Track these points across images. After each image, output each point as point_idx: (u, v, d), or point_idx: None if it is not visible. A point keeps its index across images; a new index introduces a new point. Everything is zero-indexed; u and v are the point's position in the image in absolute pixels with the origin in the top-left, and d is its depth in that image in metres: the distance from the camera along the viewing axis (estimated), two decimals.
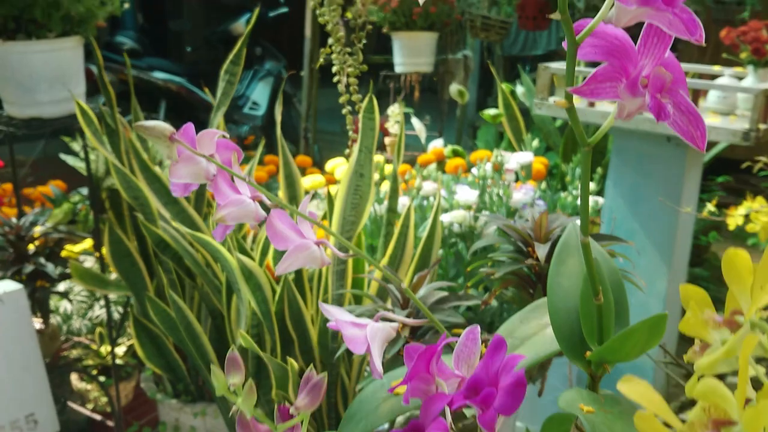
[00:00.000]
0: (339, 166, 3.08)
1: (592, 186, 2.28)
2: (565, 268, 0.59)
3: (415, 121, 3.25)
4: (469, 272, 1.61)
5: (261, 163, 3.78)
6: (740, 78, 1.92)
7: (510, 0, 3.88)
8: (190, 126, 0.54)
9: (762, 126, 1.58)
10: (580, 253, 0.59)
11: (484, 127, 3.43)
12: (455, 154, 2.96)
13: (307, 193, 3.08)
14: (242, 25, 5.45)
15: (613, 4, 0.36)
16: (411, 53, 3.50)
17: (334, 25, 1.05)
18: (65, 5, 1.62)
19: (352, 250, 0.58)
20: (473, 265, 0.95)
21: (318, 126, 4.53)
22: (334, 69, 1.09)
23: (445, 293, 1.00)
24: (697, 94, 1.72)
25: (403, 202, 1.80)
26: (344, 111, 1.17)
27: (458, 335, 0.46)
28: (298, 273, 1.44)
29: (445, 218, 1.88)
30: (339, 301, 1.36)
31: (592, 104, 1.74)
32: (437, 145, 3.09)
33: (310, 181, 2.93)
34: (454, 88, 3.43)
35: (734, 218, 1.43)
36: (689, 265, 3.41)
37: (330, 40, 1.07)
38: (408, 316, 0.94)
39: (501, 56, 4.88)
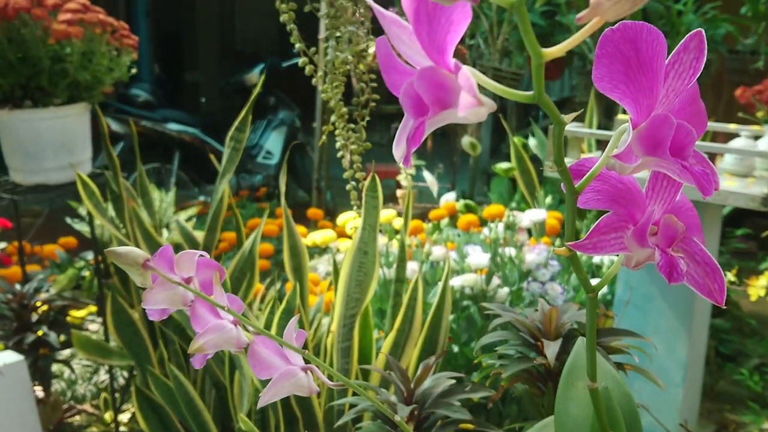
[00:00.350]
0: (349, 221, 3.05)
1: None
2: (574, 392, 0.54)
3: (426, 174, 3.22)
4: (476, 364, 1.55)
5: (273, 215, 3.77)
6: (757, 137, 1.88)
7: (521, 51, 3.88)
8: (167, 248, 0.50)
9: None
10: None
11: (497, 179, 3.39)
12: (467, 208, 2.93)
13: (316, 247, 3.04)
14: (256, 76, 5.50)
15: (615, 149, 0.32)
16: None
17: (336, 102, 1.03)
18: (72, 73, 1.62)
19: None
20: (480, 357, 0.90)
21: (331, 173, 4.52)
22: (338, 145, 1.06)
23: (452, 382, 0.95)
24: (714, 156, 1.68)
25: (413, 267, 1.75)
26: (348, 187, 1.14)
27: None
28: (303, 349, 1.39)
29: (456, 282, 1.83)
30: (345, 375, 1.31)
31: None
32: (449, 198, 3.05)
33: (321, 236, 2.90)
34: (466, 140, 3.41)
35: (755, 289, 1.37)
36: (712, 317, 3.32)
37: (333, 117, 1.05)
38: (412, 411, 0.89)
39: (514, 104, 4.88)
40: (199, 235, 1.83)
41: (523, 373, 0.81)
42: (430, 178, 3.23)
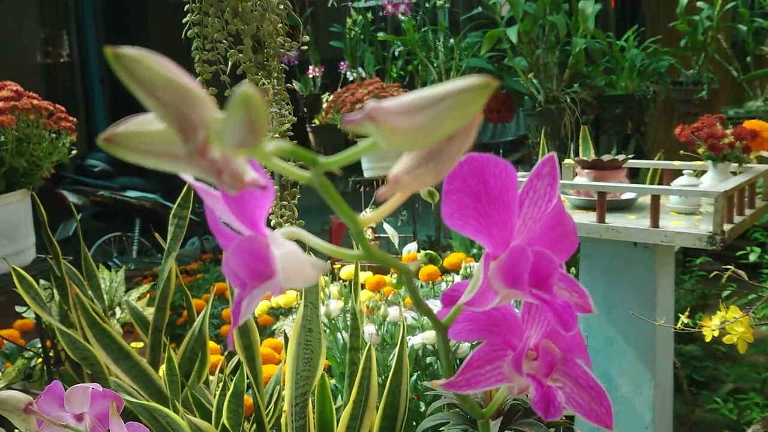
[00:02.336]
0: None
1: None
2: None
3: (387, 226, 3.22)
4: None
5: None
6: (702, 172, 1.91)
7: None
8: (56, 384, 0.48)
9: (726, 227, 1.55)
10: None
11: None
12: (429, 259, 2.92)
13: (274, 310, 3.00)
14: None
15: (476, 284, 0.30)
16: (379, 157, 3.50)
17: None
18: (7, 160, 1.59)
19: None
20: None
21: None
22: (272, 223, 1.04)
23: None
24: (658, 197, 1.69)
25: (370, 330, 1.73)
26: None
27: None
28: (260, 426, 1.35)
29: (416, 340, 1.81)
30: None
31: None
32: (411, 249, 3.04)
33: (284, 297, 2.87)
34: (424, 190, 3.41)
35: (709, 330, 1.37)
36: (681, 344, 3.32)
37: None
38: None
39: (473, 145, 4.91)
40: (151, 313, 1.79)
41: None
42: (390, 231, 3.22)
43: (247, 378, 1.32)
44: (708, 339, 1.36)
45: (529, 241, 0.30)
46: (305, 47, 1.21)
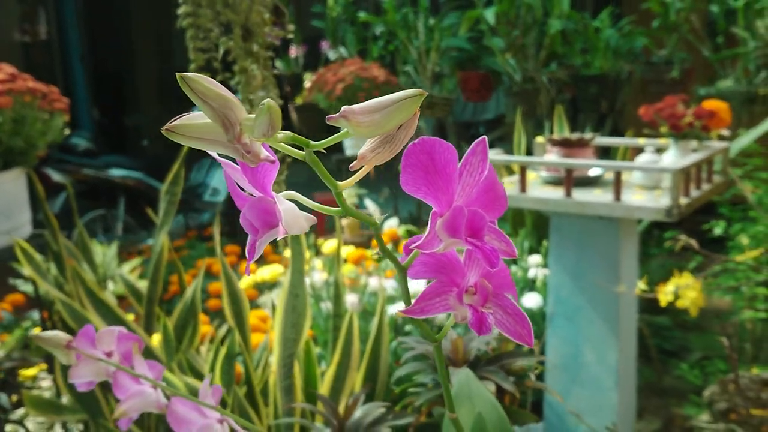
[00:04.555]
0: None
1: (539, 259, 2.33)
2: (458, 417, 0.62)
3: (369, 202, 3.32)
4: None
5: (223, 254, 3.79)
6: (664, 149, 2.02)
7: (451, 76, 4.02)
8: (88, 328, 0.57)
9: (683, 200, 1.66)
10: (472, 403, 0.63)
11: None
12: (409, 234, 3.02)
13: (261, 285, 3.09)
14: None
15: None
16: (357, 140, 3.60)
17: None
18: (4, 140, 1.67)
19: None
20: (400, 388, 0.98)
21: None
22: None
23: (381, 411, 1.03)
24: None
25: (352, 300, 1.83)
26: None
27: None
28: (250, 388, 1.45)
29: (395, 309, 1.92)
30: (290, 415, 1.37)
31: (523, 190, 1.81)
32: (392, 225, 3.15)
33: (269, 271, 2.96)
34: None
35: (665, 295, 1.49)
36: (653, 315, 3.46)
37: None
38: None
39: (453, 124, 5.01)
40: (144, 285, 1.88)
41: (438, 398, 0.89)
42: (372, 207, 3.32)
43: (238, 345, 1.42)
44: (663, 304, 1.48)
45: (467, 202, 0.40)
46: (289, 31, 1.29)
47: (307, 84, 3.90)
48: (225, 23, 1.03)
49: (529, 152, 3.02)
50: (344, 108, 0.37)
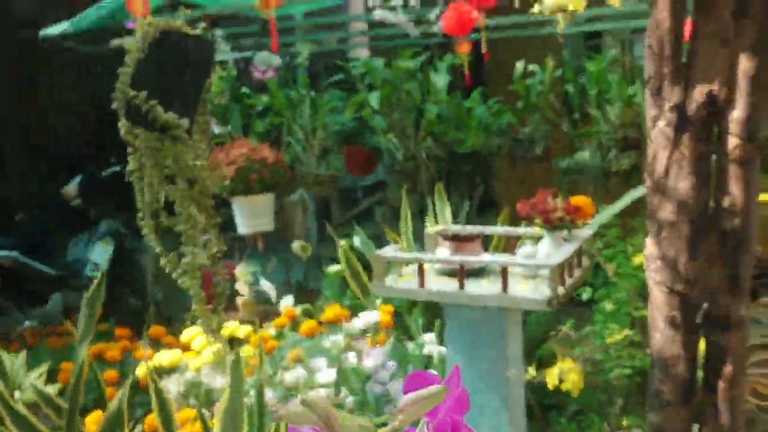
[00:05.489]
0: (196, 337, 3.12)
1: (433, 337, 2.53)
2: None
3: (263, 282, 3.43)
4: None
5: (112, 336, 3.73)
6: (540, 236, 2.29)
7: (338, 154, 4.23)
8: None
9: (561, 290, 1.91)
10: None
11: (329, 277, 3.65)
12: (305, 313, 3.15)
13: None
14: (74, 188, 5.41)
15: None
16: (251, 215, 3.71)
17: (197, 293, 1.22)
18: None
19: None
20: None
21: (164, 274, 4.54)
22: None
23: None
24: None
25: (272, 395, 1.94)
26: (198, 322, 1.33)
27: None
28: None
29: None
30: None
31: (422, 285, 2.00)
32: (288, 303, 3.26)
33: (168, 357, 2.98)
34: (296, 245, 3.66)
35: (552, 377, 1.71)
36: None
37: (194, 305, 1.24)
38: None
39: (336, 191, 5.19)
40: (53, 390, 1.90)
41: None
42: (267, 285, 3.43)
43: None
44: (551, 387, 1.70)
45: (446, 409, 0.56)
46: None
47: None
48: (170, 175, 1.15)
49: (416, 230, 3.26)
50: None
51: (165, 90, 1.16)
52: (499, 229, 2.47)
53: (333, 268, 3.30)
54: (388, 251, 2.14)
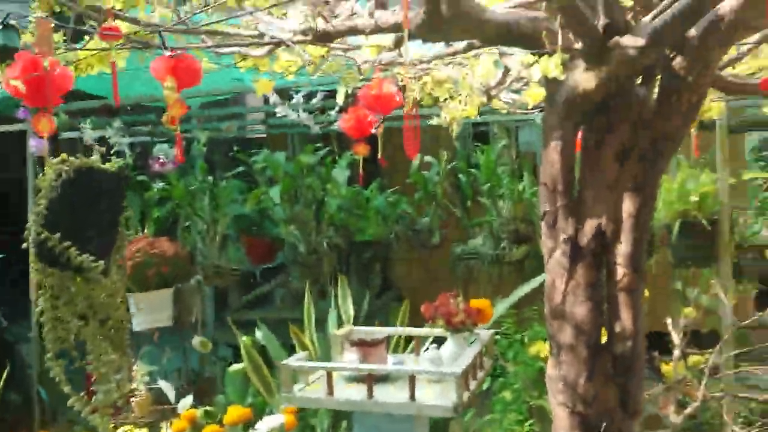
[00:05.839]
0: None
1: None
2: None
3: (161, 382, 3.31)
4: None
5: None
6: (443, 337, 2.36)
7: (237, 247, 4.21)
8: None
9: (465, 395, 1.97)
10: None
11: (231, 374, 3.56)
12: (207, 415, 3.06)
13: None
14: None
15: None
16: (149, 310, 3.60)
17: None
18: None
19: None
20: None
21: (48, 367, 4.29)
22: None
23: None
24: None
25: None
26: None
27: None
28: None
29: None
30: None
31: (331, 393, 2.01)
32: (187, 404, 3.15)
33: None
34: (196, 340, 3.58)
35: None
36: None
37: None
38: None
39: (236, 289, 5.12)
40: None
41: None
42: (164, 385, 3.32)
43: None
44: None
45: None
46: None
47: None
48: (82, 314, 1.14)
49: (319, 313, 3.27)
50: None
51: (79, 226, 1.15)
52: (403, 330, 2.53)
53: (235, 367, 3.25)
54: (295, 360, 2.15)
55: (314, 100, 3.46)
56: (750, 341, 3.41)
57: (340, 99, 2.21)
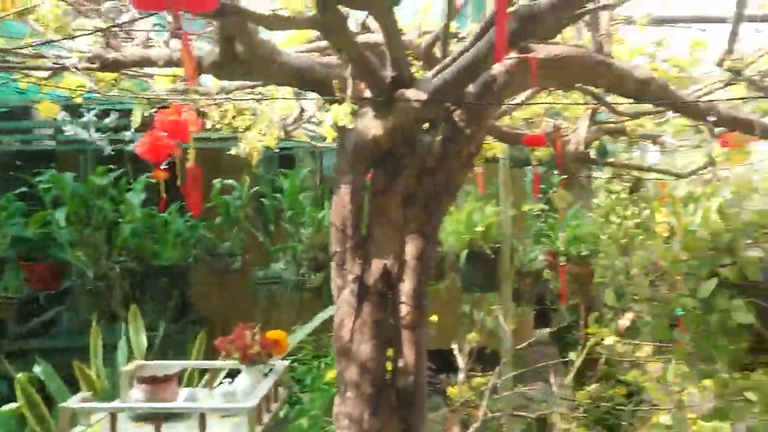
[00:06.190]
0: None
1: None
2: None
3: None
4: None
5: None
6: (238, 369, 2.32)
7: (18, 272, 3.86)
8: None
9: (258, 430, 1.96)
10: None
11: (4, 414, 3.24)
12: None
13: None
14: None
15: None
16: None
17: None
18: None
19: None
20: None
21: None
22: None
23: None
24: None
25: None
26: None
27: None
28: None
29: None
30: None
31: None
32: None
33: None
34: None
35: None
36: None
37: None
38: None
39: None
40: None
41: None
42: None
43: None
44: None
45: None
46: None
47: None
48: None
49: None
50: None
51: None
52: (197, 363, 2.46)
53: (8, 407, 2.96)
54: (75, 401, 2.00)
55: (108, 120, 3.28)
56: (526, 362, 3.72)
57: (136, 121, 2.12)
